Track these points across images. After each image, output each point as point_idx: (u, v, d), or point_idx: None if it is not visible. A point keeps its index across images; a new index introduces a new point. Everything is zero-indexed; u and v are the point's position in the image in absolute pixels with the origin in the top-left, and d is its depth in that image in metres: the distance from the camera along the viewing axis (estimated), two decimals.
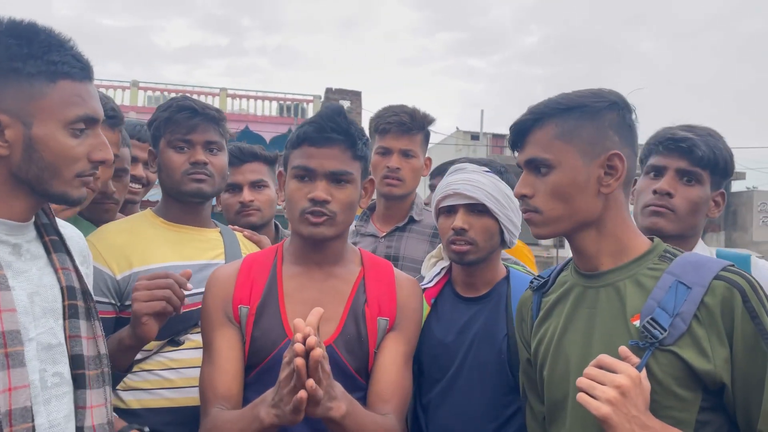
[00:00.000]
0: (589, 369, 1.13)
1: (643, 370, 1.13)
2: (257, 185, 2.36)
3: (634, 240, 1.29)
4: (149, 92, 18.76)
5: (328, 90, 18.79)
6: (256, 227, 2.32)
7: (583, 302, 1.30)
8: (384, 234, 2.37)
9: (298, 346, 1.16)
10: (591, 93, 1.28)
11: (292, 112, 19.18)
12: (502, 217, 1.65)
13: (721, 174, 1.67)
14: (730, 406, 1.16)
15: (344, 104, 17.59)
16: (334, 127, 1.46)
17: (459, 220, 1.65)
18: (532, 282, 1.47)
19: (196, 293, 1.61)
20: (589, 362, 1.15)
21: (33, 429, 1.07)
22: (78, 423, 1.18)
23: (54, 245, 1.23)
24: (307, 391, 1.17)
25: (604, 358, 1.13)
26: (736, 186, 19.97)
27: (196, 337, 1.71)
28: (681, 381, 1.14)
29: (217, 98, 18.33)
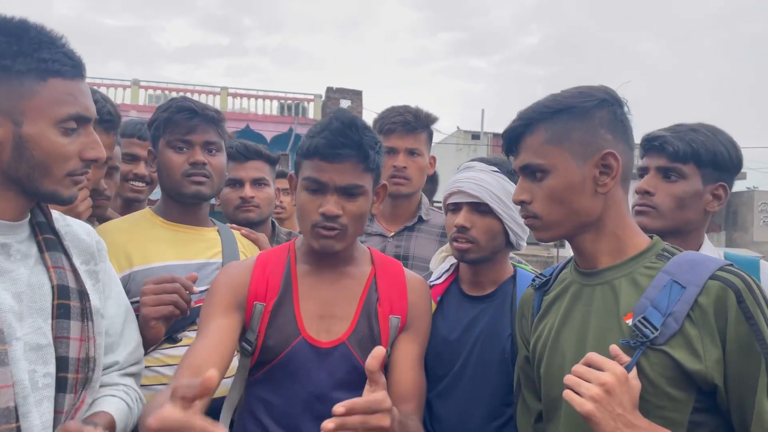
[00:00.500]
0: (578, 366, 1.12)
1: (633, 370, 1.12)
2: (259, 183, 2.41)
3: (633, 238, 1.28)
4: (150, 91, 18.74)
5: (329, 89, 18.76)
6: (254, 224, 2.34)
7: (580, 300, 1.29)
8: (392, 234, 2.38)
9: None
10: (579, 92, 1.26)
11: (292, 111, 19.14)
12: (506, 217, 1.65)
13: (714, 167, 1.64)
14: (724, 407, 1.14)
15: (345, 103, 17.59)
16: (346, 142, 1.43)
17: (461, 218, 1.65)
18: (534, 280, 1.48)
19: (196, 293, 1.62)
20: None
21: (18, 429, 1.06)
22: (56, 427, 1.14)
23: (48, 244, 1.21)
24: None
25: (593, 356, 1.13)
26: (737, 186, 19.87)
27: (193, 335, 1.70)
28: (673, 381, 1.13)
29: (217, 97, 18.31)
